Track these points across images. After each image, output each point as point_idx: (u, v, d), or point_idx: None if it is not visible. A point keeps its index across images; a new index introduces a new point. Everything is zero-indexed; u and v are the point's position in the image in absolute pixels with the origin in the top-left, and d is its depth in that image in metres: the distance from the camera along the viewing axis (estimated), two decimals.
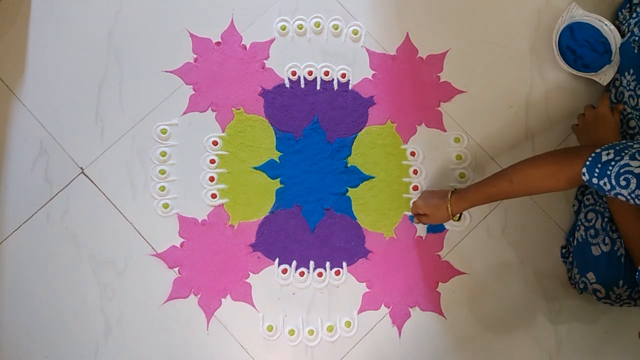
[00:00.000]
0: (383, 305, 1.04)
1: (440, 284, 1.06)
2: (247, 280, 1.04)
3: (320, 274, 1.05)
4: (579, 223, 1.01)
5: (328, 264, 1.06)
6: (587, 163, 0.75)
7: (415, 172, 1.09)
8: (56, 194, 1.06)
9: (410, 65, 1.12)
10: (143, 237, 1.05)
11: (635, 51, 0.99)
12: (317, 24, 1.12)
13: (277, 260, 1.05)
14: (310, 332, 1.03)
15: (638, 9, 1.04)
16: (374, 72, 1.12)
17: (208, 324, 1.03)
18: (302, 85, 1.11)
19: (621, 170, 0.70)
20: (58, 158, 1.07)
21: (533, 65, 1.13)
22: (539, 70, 1.13)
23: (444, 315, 1.05)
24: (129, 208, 1.06)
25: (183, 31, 1.12)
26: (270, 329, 1.02)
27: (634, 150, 0.71)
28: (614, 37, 1.08)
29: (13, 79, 1.09)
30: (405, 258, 1.06)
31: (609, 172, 0.72)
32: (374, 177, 1.09)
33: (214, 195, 1.07)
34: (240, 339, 1.03)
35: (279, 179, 1.08)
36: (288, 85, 1.11)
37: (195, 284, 1.04)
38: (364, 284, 1.05)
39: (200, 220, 1.06)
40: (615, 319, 1.05)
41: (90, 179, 1.07)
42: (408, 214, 1.08)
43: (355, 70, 1.12)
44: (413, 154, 1.09)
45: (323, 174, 1.08)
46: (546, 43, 1.13)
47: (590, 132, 1.00)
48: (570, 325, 1.05)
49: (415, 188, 1.08)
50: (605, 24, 1.09)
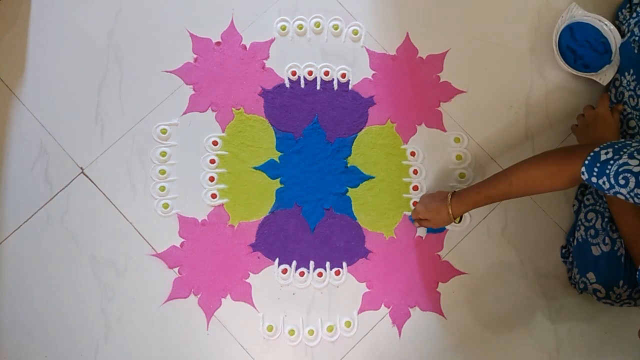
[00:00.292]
0: (383, 305, 1.04)
1: (440, 284, 1.06)
2: (247, 280, 1.04)
3: (320, 274, 1.05)
4: (579, 223, 1.01)
5: (328, 264, 1.06)
6: (586, 162, 0.75)
7: (415, 172, 1.09)
8: (56, 194, 1.06)
9: (410, 65, 1.12)
10: (143, 237, 1.05)
11: (635, 51, 0.99)
12: (317, 24, 1.12)
13: (277, 260, 1.05)
14: (310, 332, 1.03)
15: (638, 9, 1.04)
16: (374, 72, 1.12)
17: (208, 324, 1.03)
18: (302, 85, 1.11)
19: (620, 169, 0.70)
20: (58, 158, 1.07)
21: (533, 65, 1.13)
22: (539, 70, 1.13)
23: (444, 315, 1.05)
24: (129, 208, 1.06)
25: (183, 31, 1.12)
26: (270, 329, 1.02)
27: (632, 149, 0.71)
28: (614, 37, 1.08)
29: (13, 79, 1.09)
30: (405, 258, 1.06)
31: (607, 171, 0.72)
32: (374, 177, 1.09)
33: (214, 195, 1.07)
34: (240, 339, 1.03)
35: (279, 179, 1.08)
36: (288, 85, 1.11)
37: (195, 284, 1.04)
38: (364, 284, 1.05)
39: (200, 220, 1.06)
40: (615, 318, 1.05)
41: (90, 179, 1.07)
42: (408, 214, 1.08)
43: (355, 70, 1.12)
44: (413, 154, 1.09)
45: (323, 174, 1.08)
46: (546, 43, 1.13)
47: (590, 133, 1.00)
48: (570, 325, 1.05)
49: (415, 188, 1.08)
50: (605, 24, 1.09)
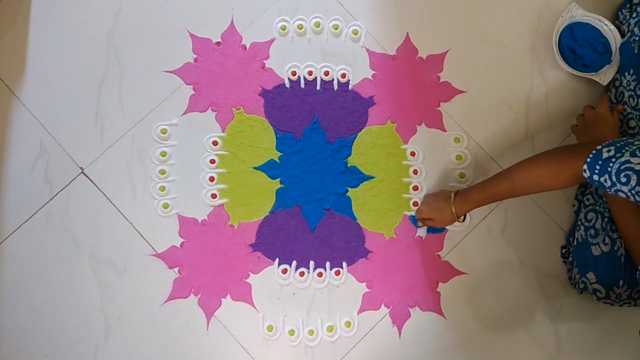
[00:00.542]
0: (383, 305, 1.04)
1: (440, 284, 1.06)
2: (247, 280, 1.04)
3: (320, 274, 1.05)
4: (579, 223, 1.01)
5: (328, 264, 1.06)
6: (588, 160, 0.75)
7: (415, 172, 1.09)
8: (56, 194, 1.06)
9: (410, 65, 1.12)
10: (143, 237, 1.05)
11: (635, 51, 0.99)
12: (317, 24, 1.12)
13: (277, 260, 1.05)
14: (310, 332, 1.03)
15: (638, 9, 1.04)
16: (374, 72, 1.12)
17: (208, 324, 1.03)
18: (302, 85, 1.11)
19: (622, 167, 0.70)
20: (58, 158, 1.07)
21: (533, 65, 1.13)
22: (539, 70, 1.13)
23: (444, 315, 1.05)
24: (129, 208, 1.06)
25: (183, 31, 1.12)
26: (270, 329, 1.02)
27: (634, 147, 0.71)
28: (614, 37, 1.08)
29: (13, 79, 1.09)
30: (405, 258, 1.06)
31: (609, 169, 0.72)
32: (374, 177, 1.09)
33: (214, 195, 1.07)
34: (240, 339, 1.03)
35: (279, 179, 1.08)
36: (288, 85, 1.11)
37: (195, 284, 1.04)
38: (364, 284, 1.05)
39: (200, 220, 1.06)
40: (615, 318, 1.05)
41: (90, 179, 1.07)
42: (408, 214, 1.08)
43: (355, 70, 1.12)
44: (413, 154, 1.09)
45: (323, 174, 1.08)
46: (546, 43, 1.13)
47: (590, 133, 1.00)
48: (570, 325, 1.05)
49: (415, 188, 1.08)
50: (605, 24, 1.09)
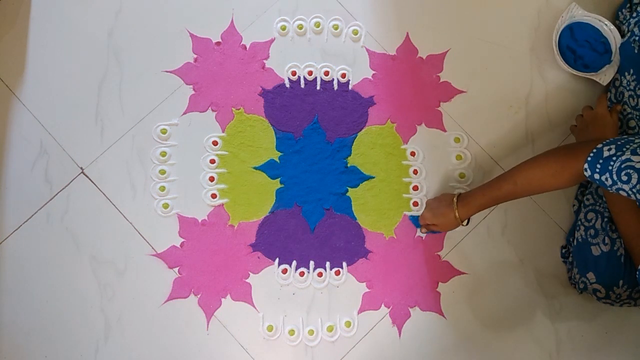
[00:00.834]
0: (383, 305, 1.04)
1: (440, 284, 1.06)
2: (247, 280, 1.04)
3: (320, 274, 1.05)
4: (579, 223, 1.01)
5: (328, 264, 1.06)
6: (589, 159, 0.75)
7: (415, 172, 1.09)
8: (56, 194, 1.06)
9: (410, 65, 1.12)
10: (143, 237, 1.05)
11: (636, 51, 0.99)
12: (317, 24, 1.12)
13: (277, 260, 1.05)
14: (310, 332, 1.03)
15: (638, 9, 1.04)
16: (374, 72, 1.12)
17: (208, 324, 1.03)
18: (302, 85, 1.11)
19: (622, 166, 0.70)
20: (58, 158, 1.07)
21: (533, 65, 1.13)
22: (539, 70, 1.13)
23: (444, 315, 1.05)
24: (129, 208, 1.06)
25: (183, 31, 1.12)
26: (270, 329, 1.02)
27: (635, 145, 0.71)
28: (614, 37, 1.08)
29: (13, 79, 1.09)
30: (405, 258, 1.06)
31: (610, 168, 0.72)
32: (374, 177, 1.09)
33: (214, 195, 1.07)
34: (240, 339, 1.03)
35: (279, 179, 1.08)
36: (288, 85, 1.11)
37: (195, 284, 1.04)
38: (364, 284, 1.05)
39: (200, 220, 1.06)
40: (615, 318, 1.05)
41: (90, 179, 1.07)
42: (408, 214, 1.08)
43: (355, 70, 1.12)
44: (413, 154, 1.09)
45: (323, 174, 1.08)
46: (546, 43, 1.13)
47: (589, 133, 1.00)
48: (570, 325, 1.05)
49: (415, 188, 1.08)
50: (605, 24, 1.09)
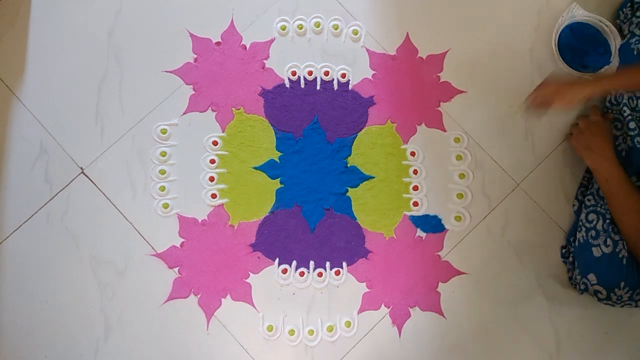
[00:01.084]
0: (383, 305, 1.04)
1: (440, 284, 1.06)
2: (247, 280, 1.04)
3: (320, 274, 1.05)
4: (580, 224, 1.01)
5: (328, 264, 1.06)
6: None
7: (415, 172, 1.09)
8: (56, 194, 1.06)
9: (410, 65, 1.12)
10: (143, 237, 1.05)
11: (635, 53, 0.99)
12: (317, 24, 1.12)
13: (277, 260, 1.05)
14: (310, 332, 1.03)
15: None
16: (374, 72, 1.12)
17: (208, 324, 1.03)
18: (302, 85, 1.11)
19: None
20: (58, 158, 1.07)
21: (533, 65, 1.13)
22: (539, 70, 1.13)
23: (444, 315, 1.05)
24: (129, 208, 1.06)
25: (183, 31, 1.12)
26: (270, 329, 1.02)
27: None
28: (613, 38, 1.08)
29: (13, 79, 1.09)
30: (405, 258, 1.06)
31: None
32: (374, 177, 1.09)
33: (214, 195, 1.07)
34: (240, 339, 1.03)
35: (279, 179, 1.08)
36: (288, 85, 1.11)
37: (195, 284, 1.04)
38: (364, 284, 1.05)
39: (200, 220, 1.06)
40: (615, 319, 1.05)
41: (90, 179, 1.07)
42: (408, 214, 1.08)
43: (355, 70, 1.12)
44: (413, 154, 1.09)
45: (323, 174, 1.08)
46: (546, 43, 1.13)
47: (585, 139, 1.02)
48: (570, 325, 1.05)
49: (415, 188, 1.08)
50: (606, 25, 1.09)
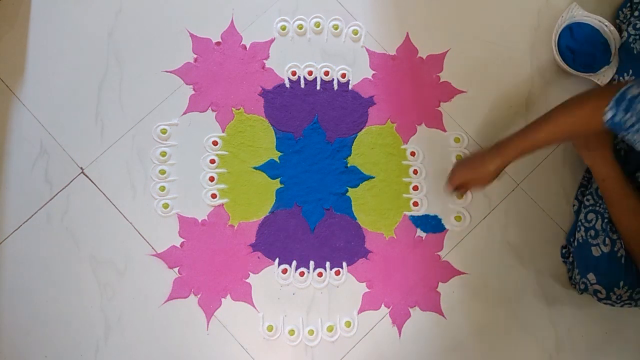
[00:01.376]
0: (383, 305, 1.04)
1: (440, 284, 1.06)
2: (247, 280, 1.04)
3: (320, 274, 1.05)
4: (579, 224, 1.01)
5: (328, 264, 1.06)
6: (616, 96, 0.74)
7: (415, 172, 1.09)
8: (56, 194, 1.06)
9: (410, 65, 1.12)
10: (143, 237, 1.05)
11: (635, 52, 0.99)
12: (317, 24, 1.12)
13: (277, 260, 1.05)
14: (310, 332, 1.03)
15: (639, 9, 1.04)
16: (374, 72, 1.12)
17: (208, 324, 1.03)
18: (302, 85, 1.11)
19: None
20: (58, 158, 1.07)
21: (533, 65, 1.13)
22: (539, 70, 1.13)
23: (444, 315, 1.05)
24: (129, 208, 1.06)
25: (183, 31, 1.12)
26: (270, 329, 1.02)
27: None
28: (613, 38, 1.08)
29: (13, 79, 1.09)
30: (405, 258, 1.06)
31: (634, 106, 0.71)
32: (374, 177, 1.09)
33: (214, 195, 1.07)
34: (240, 339, 1.03)
35: (279, 179, 1.08)
36: (288, 85, 1.11)
37: (195, 284, 1.04)
38: (364, 284, 1.05)
39: (200, 220, 1.06)
40: (615, 319, 1.05)
41: (90, 179, 1.07)
42: (408, 214, 1.08)
43: (355, 70, 1.12)
44: (413, 154, 1.09)
45: (323, 174, 1.08)
46: (546, 43, 1.13)
47: (584, 139, 1.01)
48: (570, 325, 1.05)
49: (415, 188, 1.08)
50: (605, 25, 1.09)
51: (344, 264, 1.06)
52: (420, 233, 1.07)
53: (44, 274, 1.04)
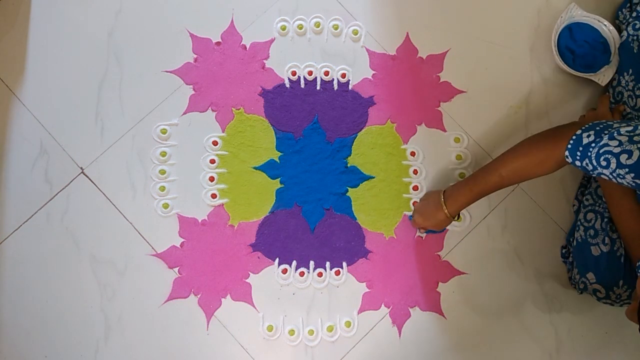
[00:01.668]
0: (383, 305, 1.04)
1: (440, 284, 1.06)
2: (247, 280, 1.04)
3: (320, 274, 1.05)
4: (579, 223, 1.01)
5: (328, 264, 1.06)
6: (569, 146, 0.76)
7: (415, 172, 1.09)
8: (56, 194, 1.06)
9: (410, 65, 1.12)
10: (143, 237, 1.05)
11: (635, 51, 0.99)
12: (317, 24, 1.12)
13: (277, 260, 1.05)
14: (310, 332, 1.03)
15: (638, 8, 1.04)
16: (374, 72, 1.12)
17: (208, 324, 1.03)
18: (302, 85, 1.11)
19: (601, 151, 0.70)
20: (58, 158, 1.07)
21: (533, 65, 1.13)
22: (539, 70, 1.13)
23: (444, 315, 1.05)
24: (129, 208, 1.06)
25: (183, 31, 1.12)
26: (270, 329, 1.02)
27: (613, 130, 0.71)
28: (613, 38, 1.08)
29: (13, 79, 1.09)
30: (405, 258, 1.06)
31: (589, 154, 0.72)
32: (374, 177, 1.09)
33: (214, 195, 1.07)
34: (240, 339, 1.03)
35: (279, 179, 1.08)
36: (288, 85, 1.11)
37: (195, 284, 1.04)
38: (364, 284, 1.05)
39: (200, 220, 1.06)
40: (615, 319, 1.05)
41: (90, 179, 1.07)
42: (408, 214, 1.08)
43: (355, 70, 1.12)
44: (413, 154, 1.09)
45: (323, 174, 1.08)
46: (546, 43, 1.13)
47: None
48: (570, 325, 1.05)
49: (415, 188, 1.08)
50: (605, 25, 1.09)
51: (344, 264, 1.06)
52: (420, 233, 1.07)
53: (44, 274, 1.04)
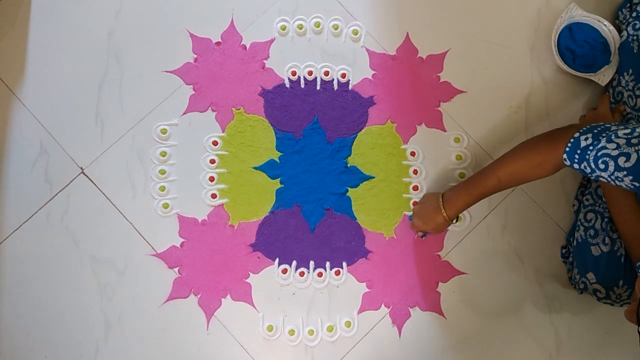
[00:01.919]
0: (383, 305, 1.04)
1: (440, 284, 1.06)
2: (247, 280, 1.04)
3: (320, 274, 1.05)
4: (579, 223, 1.01)
5: (328, 264, 1.06)
6: (567, 149, 0.76)
7: (415, 172, 1.09)
8: (56, 194, 1.06)
9: (410, 65, 1.12)
10: (143, 237, 1.05)
11: (635, 51, 0.99)
12: (317, 24, 1.12)
13: (277, 260, 1.05)
14: (310, 332, 1.03)
15: (638, 8, 1.04)
16: (374, 72, 1.12)
17: (208, 324, 1.03)
18: (302, 85, 1.11)
19: (599, 154, 0.71)
20: (58, 158, 1.07)
21: (533, 65, 1.13)
22: (539, 70, 1.13)
23: (444, 315, 1.05)
24: (129, 208, 1.06)
25: (183, 31, 1.12)
26: (270, 329, 1.02)
27: (610, 132, 0.71)
28: (612, 38, 1.09)
29: (13, 79, 1.09)
30: (405, 258, 1.06)
31: (587, 157, 0.72)
32: (374, 177, 1.09)
33: (214, 195, 1.07)
34: (240, 339, 1.03)
35: (279, 179, 1.08)
36: (288, 85, 1.11)
37: (195, 284, 1.04)
38: (364, 284, 1.05)
39: (200, 220, 1.06)
40: (615, 319, 1.05)
41: (90, 179, 1.07)
42: (408, 214, 1.08)
43: (355, 70, 1.12)
44: (413, 154, 1.09)
45: (323, 174, 1.08)
46: (546, 43, 1.13)
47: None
48: (570, 325, 1.05)
49: (415, 188, 1.08)
50: (605, 25, 1.09)
51: (344, 264, 1.06)
52: (419, 235, 1.07)
53: (44, 274, 1.04)
